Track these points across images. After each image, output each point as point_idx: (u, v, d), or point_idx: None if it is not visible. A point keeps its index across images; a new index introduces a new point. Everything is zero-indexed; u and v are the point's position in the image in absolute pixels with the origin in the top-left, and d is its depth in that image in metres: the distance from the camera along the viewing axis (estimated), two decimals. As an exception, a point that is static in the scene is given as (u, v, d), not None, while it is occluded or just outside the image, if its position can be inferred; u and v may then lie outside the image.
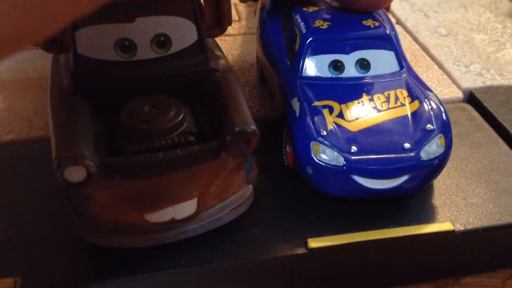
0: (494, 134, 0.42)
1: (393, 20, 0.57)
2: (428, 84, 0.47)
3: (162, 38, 0.31)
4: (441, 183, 0.37)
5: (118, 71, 0.31)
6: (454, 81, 0.48)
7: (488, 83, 0.47)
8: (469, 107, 0.45)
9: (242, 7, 0.60)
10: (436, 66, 0.50)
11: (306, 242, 0.32)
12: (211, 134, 0.30)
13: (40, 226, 0.33)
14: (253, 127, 0.29)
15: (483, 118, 0.44)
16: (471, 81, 0.48)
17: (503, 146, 0.41)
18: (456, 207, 0.35)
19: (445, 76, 0.48)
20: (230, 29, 0.56)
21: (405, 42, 0.54)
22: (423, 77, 0.48)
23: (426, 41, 0.53)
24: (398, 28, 0.56)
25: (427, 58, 0.51)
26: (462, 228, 0.34)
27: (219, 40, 0.55)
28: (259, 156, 0.36)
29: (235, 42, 0.54)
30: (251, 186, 0.33)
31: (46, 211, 0.34)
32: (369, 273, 0.34)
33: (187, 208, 0.30)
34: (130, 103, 0.30)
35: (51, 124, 0.29)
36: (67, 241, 0.32)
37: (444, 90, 0.47)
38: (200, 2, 0.33)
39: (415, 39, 0.54)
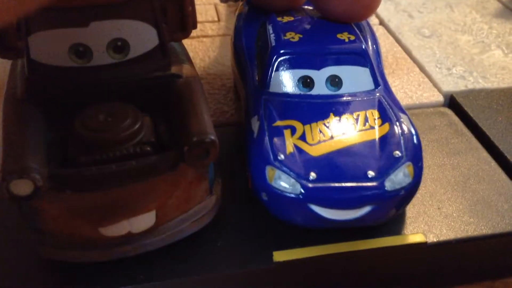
0: (474, 140, 0.41)
1: (376, 21, 0.56)
2: (408, 87, 0.47)
3: (119, 43, 0.30)
4: (415, 192, 0.36)
5: (73, 77, 0.30)
6: (435, 84, 0.46)
7: (470, 86, 0.46)
8: (449, 112, 0.44)
9: (222, 7, 0.59)
10: (417, 69, 0.49)
11: (271, 256, 0.31)
12: (171, 144, 0.29)
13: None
14: (212, 137, 0.28)
15: (463, 123, 0.42)
16: (453, 84, 0.46)
17: (483, 152, 0.39)
18: (429, 217, 0.34)
19: (426, 79, 0.47)
20: (209, 30, 0.56)
21: (387, 43, 0.52)
22: (403, 80, 0.47)
23: (409, 43, 0.52)
24: (381, 29, 0.55)
25: (409, 60, 0.50)
26: (435, 240, 0.32)
27: (196, 41, 0.54)
28: (226, 163, 0.35)
29: (213, 44, 0.53)
30: (214, 197, 0.32)
31: (6, 220, 0.33)
32: (339, 286, 0.33)
33: (144, 221, 0.29)
34: (83, 111, 0.29)
35: (0, 134, 0.28)
36: (22, 256, 0.31)
37: (424, 94, 0.45)
38: (163, 4, 0.32)
39: (398, 41, 0.53)
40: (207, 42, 0.53)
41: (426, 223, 0.33)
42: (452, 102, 0.45)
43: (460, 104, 0.44)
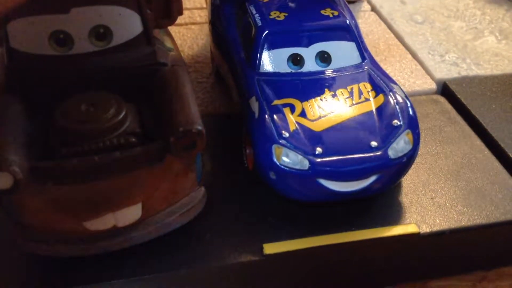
0: (467, 128, 0.40)
1: (368, 7, 0.55)
2: (401, 75, 0.46)
3: (101, 30, 0.29)
4: (408, 182, 0.35)
5: (54, 66, 0.29)
6: (428, 72, 0.46)
7: (464, 73, 0.45)
8: (442, 99, 0.43)
9: (211, -6, 0.57)
10: (409, 56, 0.48)
11: (261, 248, 0.30)
12: (156, 134, 0.28)
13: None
14: (199, 127, 0.27)
15: (457, 110, 0.42)
16: (446, 72, 0.45)
17: (476, 140, 0.39)
18: (422, 207, 0.33)
19: (419, 67, 0.46)
20: (197, 17, 0.54)
21: (379, 30, 0.51)
22: (395, 67, 0.46)
23: (401, 29, 0.51)
24: (372, 16, 0.54)
25: (401, 47, 0.49)
26: (428, 230, 0.32)
27: (185, 28, 0.52)
28: (214, 155, 0.34)
29: (201, 31, 0.52)
30: (203, 189, 0.31)
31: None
32: (330, 279, 0.33)
33: (130, 214, 0.28)
34: (65, 101, 0.28)
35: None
36: (5, 251, 0.30)
37: (416, 81, 0.44)
38: None
39: (390, 27, 0.52)
40: (196, 30, 0.52)
41: (419, 213, 0.33)
42: (445, 90, 0.44)
43: (453, 92, 0.43)
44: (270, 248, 0.30)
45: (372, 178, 0.31)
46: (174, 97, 0.29)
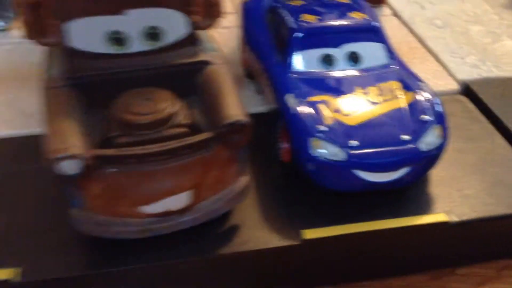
0: (489, 126, 0.42)
1: (389, 12, 0.57)
2: (423, 76, 0.47)
3: (153, 31, 0.31)
4: (436, 175, 0.37)
5: (109, 64, 0.31)
6: (450, 73, 0.48)
7: (484, 75, 0.47)
8: (464, 99, 0.45)
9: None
10: (432, 58, 0.50)
11: (300, 233, 0.32)
12: (204, 127, 0.30)
13: (40, 219, 0.33)
14: (246, 119, 0.29)
15: (479, 110, 0.44)
16: (467, 73, 0.48)
17: (498, 138, 0.41)
18: (451, 198, 0.35)
19: (441, 68, 0.48)
20: (226, 22, 0.56)
21: (401, 33, 0.54)
22: (419, 69, 0.48)
23: (422, 33, 0.53)
24: (394, 20, 0.56)
25: (423, 49, 0.51)
26: (457, 219, 0.34)
27: (215, 32, 0.55)
28: (252, 150, 0.36)
29: (231, 34, 0.54)
30: (246, 178, 0.33)
31: (45, 204, 0.34)
32: (364, 264, 0.35)
33: (182, 199, 0.30)
34: (122, 95, 0.30)
35: (44, 117, 0.29)
36: (65, 233, 0.32)
37: (439, 82, 0.47)
38: None
39: (411, 31, 0.54)
40: (226, 34, 0.54)
41: (448, 204, 0.35)
42: (467, 90, 0.46)
43: (475, 92, 0.45)
44: (309, 234, 0.32)
45: (404, 170, 0.33)
46: (221, 92, 0.31)
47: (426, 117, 0.34)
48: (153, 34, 0.32)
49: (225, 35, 0.54)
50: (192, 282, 0.33)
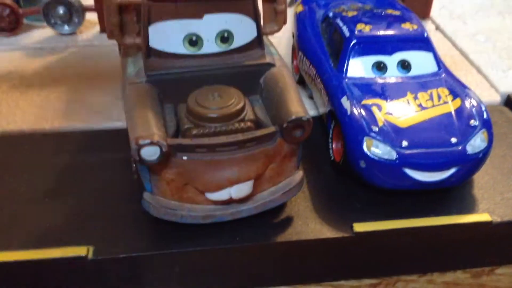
0: (530, 135, 0.44)
1: (432, 26, 0.60)
2: (467, 87, 0.50)
3: (226, 34, 0.34)
4: (479, 179, 0.39)
5: (184, 63, 0.34)
6: (492, 85, 0.50)
7: (526, 87, 0.49)
8: (506, 110, 0.47)
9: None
10: (474, 71, 0.52)
11: (351, 227, 0.35)
12: (265, 123, 0.33)
13: (112, 200, 0.36)
14: (308, 116, 0.32)
15: (520, 120, 0.46)
16: (509, 86, 0.49)
17: (540, 146, 0.42)
18: (493, 200, 0.37)
19: (484, 80, 0.50)
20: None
21: (444, 47, 0.56)
22: (462, 81, 0.51)
23: (465, 47, 0.55)
24: (437, 34, 0.58)
25: (466, 62, 0.53)
26: (499, 220, 0.36)
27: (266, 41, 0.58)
28: (304, 150, 0.39)
29: (280, 43, 0.57)
30: (301, 172, 0.35)
31: (118, 187, 0.38)
32: (410, 259, 0.37)
33: (244, 188, 0.33)
34: (196, 91, 0.33)
35: (127, 109, 0.32)
36: (134, 214, 0.35)
37: (482, 93, 0.48)
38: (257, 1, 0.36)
39: (454, 45, 0.56)
40: (274, 42, 0.57)
41: (491, 205, 0.37)
42: (508, 101, 0.48)
43: (517, 103, 0.47)
44: (359, 227, 0.35)
45: (451, 171, 0.35)
46: (285, 91, 0.34)
47: (474, 122, 0.36)
48: (225, 37, 0.35)
49: (274, 43, 0.57)
50: (246, 269, 0.35)
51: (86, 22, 0.58)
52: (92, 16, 0.58)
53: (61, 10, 0.56)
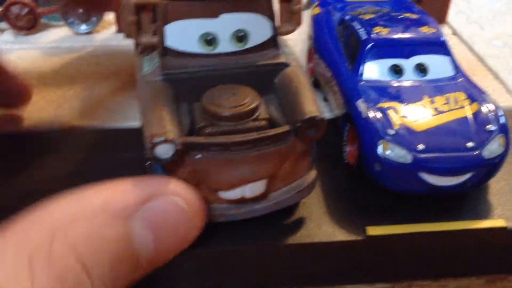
0: (548, 141, 0.43)
1: (449, 31, 0.59)
2: (484, 92, 0.49)
3: (241, 33, 0.34)
4: (494, 184, 0.38)
5: (199, 62, 0.34)
6: (509, 90, 0.49)
7: (543, 93, 0.49)
8: (523, 115, 0.46)
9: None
10: (491, 76, 0.51)
11: (364, 230, 0.34)
12: (279, 122, 0.33)
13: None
14: (322, 116, 0.32)
15: (538, 125, 0.45)
16: (526, 91, 0.49)
17: (557, 152, 0.42)
18: (509, 206, 0.37)
19: (500, 85, 0.50)
20: (290, 35, 0.60)
21: (461, 52, 0.55)
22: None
23: (482, 52, 0.55)
24: (453, 39, 0.58)
25: (483, 67, 0.53)
26: (515, 226, 0.35)
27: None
28: (318, 152, 0.39)
29: (296, 46, 0.57)
30: (315, 172, 0.35)
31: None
32: (423, 264, 0.36)
33: (257, 187, 0.33)
34: (210, 90, 0.33)
35: (142, 107, 0.32)
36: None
37: (499, 98, 0.48)
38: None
39: (471, 49, 0.56)
40: (289, 44, 0.57)
41: (506, 211, 0.36)
42: (525, 107, 0.47)
43: (534, 109, 0.46)
44: (373, 230, 0.34)
45: (467, 175, 0.34)
46: (299, 91, 0.34)
47: (491, 127, 0.35)
48: (240, 36, 0.35)
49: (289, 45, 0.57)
50: (257, 270, 0.35)
51: (102, 22, 0.59)
52: (107, 16, 0.59)
53: (80, 9, 0.56)
